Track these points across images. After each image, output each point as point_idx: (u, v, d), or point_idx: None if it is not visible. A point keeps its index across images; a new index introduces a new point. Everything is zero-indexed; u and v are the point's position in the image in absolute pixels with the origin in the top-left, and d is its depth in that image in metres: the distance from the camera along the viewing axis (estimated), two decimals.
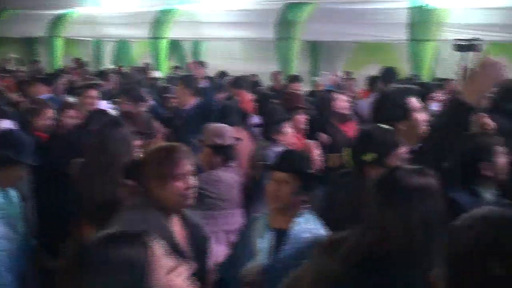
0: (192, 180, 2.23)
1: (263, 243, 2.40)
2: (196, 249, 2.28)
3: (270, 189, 2.41)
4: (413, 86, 3.70)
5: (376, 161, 2.36)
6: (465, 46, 7.45)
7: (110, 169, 2.86)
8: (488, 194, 2.66)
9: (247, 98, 6.29)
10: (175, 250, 2.11)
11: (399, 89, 2.79)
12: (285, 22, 11.18)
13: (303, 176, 2.41)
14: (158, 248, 1.13)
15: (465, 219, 1.22)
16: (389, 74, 6.92)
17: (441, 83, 7.49)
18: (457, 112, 1.96)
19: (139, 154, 3.45)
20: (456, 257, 1.18)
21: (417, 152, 2.26)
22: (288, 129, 3.87)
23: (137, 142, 3.49)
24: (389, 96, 2.65)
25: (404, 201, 1.68)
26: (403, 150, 2.42)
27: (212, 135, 3.54)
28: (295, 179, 2.38)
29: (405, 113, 2.54)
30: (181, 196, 2.21)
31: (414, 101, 2.61)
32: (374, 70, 9.91)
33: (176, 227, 2.26)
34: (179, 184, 2.20)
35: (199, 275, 2.19)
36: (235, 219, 3.53)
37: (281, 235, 2.39)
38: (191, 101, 4.86)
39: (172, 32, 13.31)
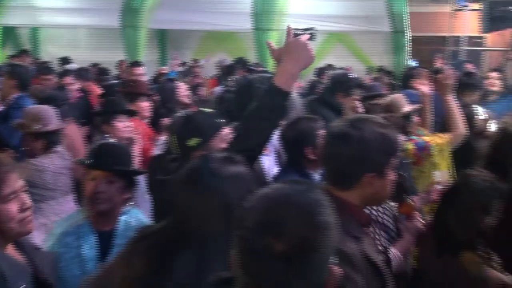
0: (27, 198, 1.77)
1: (88, 248, 2.20)
2: (41, 271, 1.88)
3: (89, 189, 2.20)
4: (270, 75, 3.77)
5: (200, 146, 2.32)
6: (301, 35, 7.84)
7: None
8: (317, 175, 2.79)
9: (95, 90, 5.97)
10: (35, 280, 1.78)
11: (262, 77, 2.80)
12: (130, 10, 10.78)
13: (124, 173, 2.26)
14: None
15: (251, 199, 1.21)
16: (243, 63, 7.11)
17: None
18: (268, 96, 1.94)
19: None
20: (241, 237, 1.18)
21: (233, 135, 2.26)
22: (120, 123, 3.69)
23: None
24: (254, 84, 2.65)
25: (216, 190, 1.59)
26: (226, 132, 2.42)
27: (31, 120, 3.26)
28: (115, 177, 2.21)
29: None
30: (19, 221, 1.72)
31: None
32: (220, 58, 10.04)
33: (17, 255, 1.81)
34: (12, 207, 1.71)
35: None
36: (67, 206, 3.28)
37: (107, 237, 2.22)
38: (14, 94, 4.43)
39: (6, 17, 12.15)
